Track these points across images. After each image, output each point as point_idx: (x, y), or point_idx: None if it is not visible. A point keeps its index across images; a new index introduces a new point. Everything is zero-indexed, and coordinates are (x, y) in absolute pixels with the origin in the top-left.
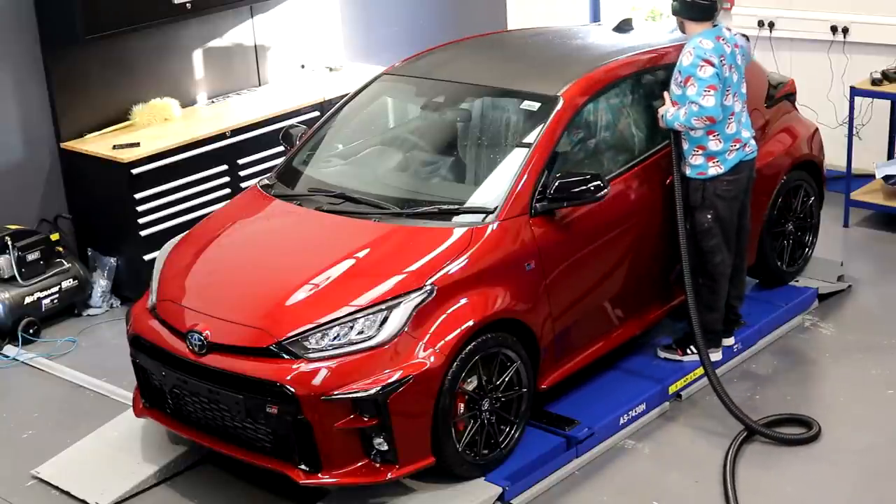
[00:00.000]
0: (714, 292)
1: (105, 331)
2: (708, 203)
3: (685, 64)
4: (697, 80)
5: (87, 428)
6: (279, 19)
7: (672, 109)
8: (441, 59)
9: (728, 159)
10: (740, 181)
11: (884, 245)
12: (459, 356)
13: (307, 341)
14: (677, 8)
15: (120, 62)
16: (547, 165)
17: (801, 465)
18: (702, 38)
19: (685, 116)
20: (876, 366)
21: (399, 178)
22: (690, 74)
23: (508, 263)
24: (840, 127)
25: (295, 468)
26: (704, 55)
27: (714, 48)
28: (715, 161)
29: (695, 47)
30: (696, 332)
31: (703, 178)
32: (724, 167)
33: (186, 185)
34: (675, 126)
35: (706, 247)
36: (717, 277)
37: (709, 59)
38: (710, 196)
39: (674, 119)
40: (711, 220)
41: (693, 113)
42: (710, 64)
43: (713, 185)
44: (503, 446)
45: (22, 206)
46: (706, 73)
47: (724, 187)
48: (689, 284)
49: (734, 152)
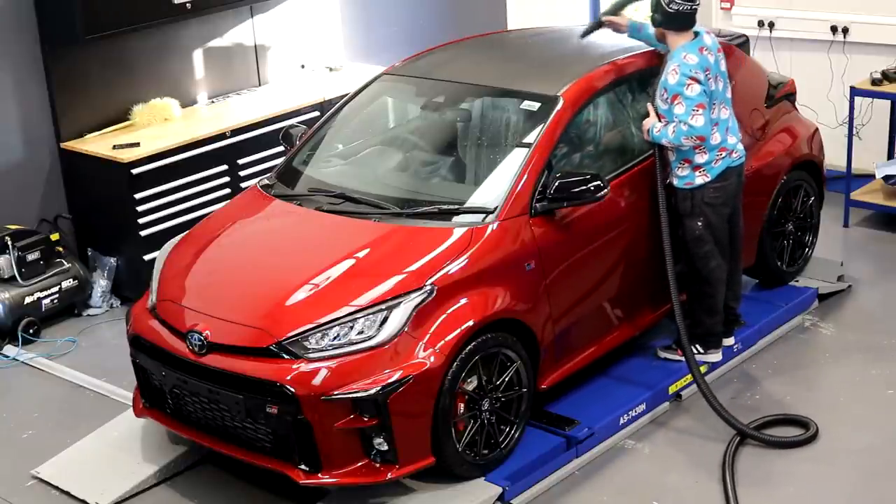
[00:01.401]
0: (712, 297)
1: (105, 331)
2: (697, 211)
3: (671, 83)
4: (685, 98)
5: (87, 428)
6: (279, 19)
7: (659, 125)
8: (441, 59)
9: (714, 167)
10: (728, 187)
11: (884, 245)
12: (459, 356)
13: (307, 341)
14: (659, 20)
15: (120, 62)
16: (547, 165)
17: (801, 465)
18: (686, 53)
19: (674, 135)
20: (876, 366)
21: (399, 178)
22: (677, 93)
23: (508, 263)
24: (840, 127)
25: (295, 468)
26: (690, 73)
27: (699, 62)
28: (702, 171)
29: (680, 64)
30: (683, 339)
31: (690, 188)
32: (710, 175)
33: (186, 185)
34: (663, 142)
35: (699, 253)
36: (713, 282)
37: (695, 77)
38: (699, 204)
39: (661, 136)
40: (702, 228)
41: (682, 132)
42: (697, 81)
43: (701, 193)
44: (503, 446)
45: (22, 206)
46: (694, 92)
47: (711, 195)
48: (675, 291)
49: (720, 160)
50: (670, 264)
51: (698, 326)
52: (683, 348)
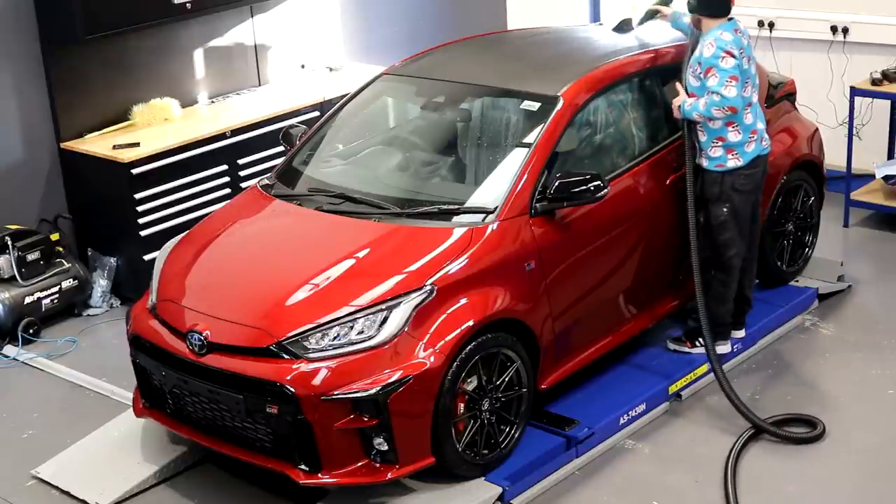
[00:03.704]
0: (725, 285)
1: (105, 331)
2: (725, 196)
3: (707, 55)
4: (719, 70)
5: (87, 428)
6: (279, 19)
7: (690, 100)
8: (441, 59)
9: (747, 152)
10: (756, 175)
11: (884, 245)
12: (459, 356)
13: (307, 341)
14: (694, 5)
15: (120, 62)
16: (547, 165)
17: (802, 464)
18: (721, 31)
19: (705, 107)
20: (876, 366)
21: (399, 178)
22: (712, 65)
23: (508, 263)
24: (840, 127)
25: (295, 468)
26: (726, 46)
27: (734, 40)
28: (734, 153)
29: (716, 38)
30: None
31: (721, 171)
32: (742, 160)
33: (186, 185)
34: (694, 116)
35: (721, 240)
36: (729, 270)
37: (730, 51)
38: (728, 189)
39: (693, 109)
40: (727, 214)
41: (714, 103)
42: (731, 55)
43: (731, 178)
44: (503, 446)
45: (22, 206)
46: (728, 64)
47: (741, 181)
48: (699, 279)
49: (752, 143)
50: (695, 250)
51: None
52: (704, 340)
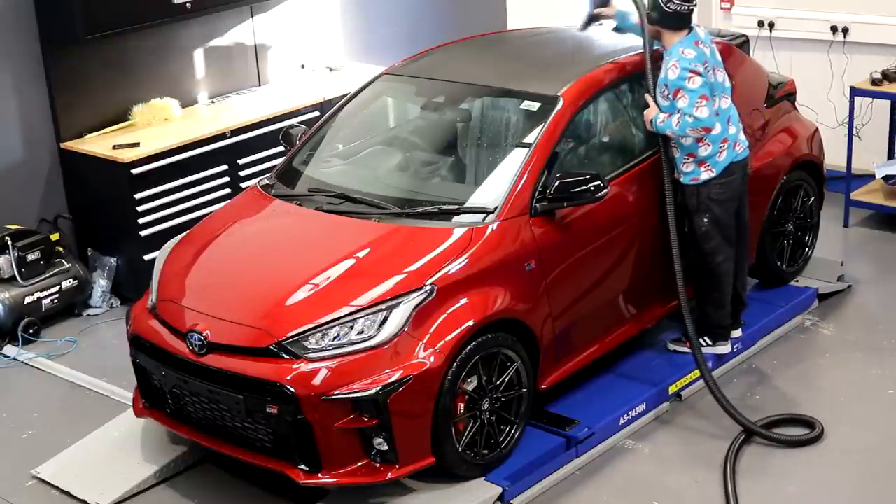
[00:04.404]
0: (719, 290)
1: (105, 331)
2: (704, 207)
3: (672, 77)
4: (688, 91)
5: (87, 428)
6: (279, 19)
7: (662, 115)
8: (441, 59)
9: (719, 161)
10: (733, 183)
11: (884, 245)
12: (459, 356)
13: (307, 341)
14: (656, 18)
15: (120, 62)
16: (547, 165)
17: (802, 465)
18: (683, 48)
19: (678, 126)
20: (876, 366)
21: (399, 178)
22: (679, 87)
23: (508, 263)
24: (840, 127)
25: (295, 468)
26: (690, 66)
27: (697, 56)
28: (706, 165)
29: (679, 59)
30: (691, 334)
31: (696, 184)
32: (715, 170)
33: (186, 185)
34: (667, 133)
35: (706, 249)
36: (720, 276)
37: (695, 70)
38: (705, 200)
39: (665, 126)
40: (709, 223)
41: (687, 124)
42: (697, 73)
43: (707, 189)
44: (503, 446)
45: (22, 206)
46: (695, 84)
47: (717, 190)
48: (682, 287)
49: (724, 152)
50: (677, 258)
51: (706, 320)
52: (691, 342)
